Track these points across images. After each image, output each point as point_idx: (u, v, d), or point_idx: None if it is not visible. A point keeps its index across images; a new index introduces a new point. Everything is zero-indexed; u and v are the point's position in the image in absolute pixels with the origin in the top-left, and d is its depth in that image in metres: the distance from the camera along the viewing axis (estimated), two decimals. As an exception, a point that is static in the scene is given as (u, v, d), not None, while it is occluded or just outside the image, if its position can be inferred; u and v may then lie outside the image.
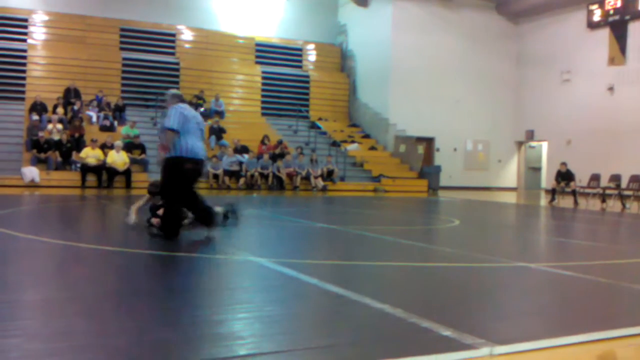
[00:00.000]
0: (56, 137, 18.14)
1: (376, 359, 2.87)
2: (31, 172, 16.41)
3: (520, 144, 26.51)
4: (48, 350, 2.92)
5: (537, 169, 26.38)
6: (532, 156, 26.68)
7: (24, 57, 21.78)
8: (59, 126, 18.76)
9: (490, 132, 25.78)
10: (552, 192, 17.28)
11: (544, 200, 18.84)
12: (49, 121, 19.03)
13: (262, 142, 21.15)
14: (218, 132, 21.07)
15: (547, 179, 23.81)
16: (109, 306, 4.04)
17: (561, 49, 23.98)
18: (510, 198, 20.60)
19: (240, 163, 19.32)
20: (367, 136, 25.05)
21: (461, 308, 4.16)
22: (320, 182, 19.68)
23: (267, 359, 2.92)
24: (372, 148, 24.09)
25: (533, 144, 26.38)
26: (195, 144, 6.77)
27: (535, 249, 8.07)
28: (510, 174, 26.63)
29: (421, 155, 23.19)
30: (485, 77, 25.47)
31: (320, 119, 25.13)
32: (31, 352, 2.91)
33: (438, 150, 25.11)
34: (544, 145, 25.74)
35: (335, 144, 23.06)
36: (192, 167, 6.75)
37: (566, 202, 16.99)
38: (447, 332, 3.34)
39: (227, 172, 18.85)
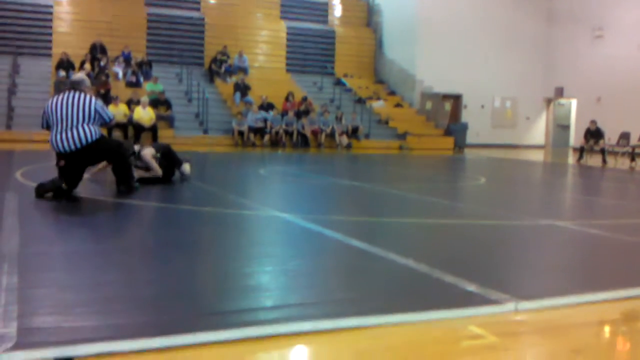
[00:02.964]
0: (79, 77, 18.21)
1: (400, 313, 2.89)
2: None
3: (549, 101, 26.05)
4: (79, 301, 3.00)
5: (566, 127, 25.95)
6: (561, 114, 26.22)
7: (50, 13, 21.79)
8: (80, 74, 18.84)
9: (518, 89, 25.32)
10: (581, 150, 17.02)
11: (572, 159, 18.59)
12: (76, 77, 19.12)
13: (287, 99, 21.06)
14: (243, 89, 21.01)
15: (575, 137, 23.44)
16: (138, 258, 4.12)
17: (594, 5, 23.30)
18: (538, 156, 20.37)
19: (265, 120, 19.30)
20: (392, 93, 24.79)
21: (486, 264, 4.16)
22: (344, 140, 19.60)
23: (292, 310, 2.96)
24: (398, 105, 23.86)
25: (562, 101, 25.90)
26: (53, 137, 6.52)
27: (562, 207, 8.01)
28: (538, 131, 26.25)
29: (448, 113, 22.92)
30: (515, 33, 24.90)
31: (345, 75, 24.89)
32: (62, 302, 2.98)
33: (465, 107, 24.78)
34: (573, 103, 25.26)
35: (360, 100, 22.88)
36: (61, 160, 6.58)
37: (594, 160, 16.74)
38: (471, 288, 3.35)
39: (252, 129, 18.86)
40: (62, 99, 6.57)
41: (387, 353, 2.53)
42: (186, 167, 8.42)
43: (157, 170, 7.90)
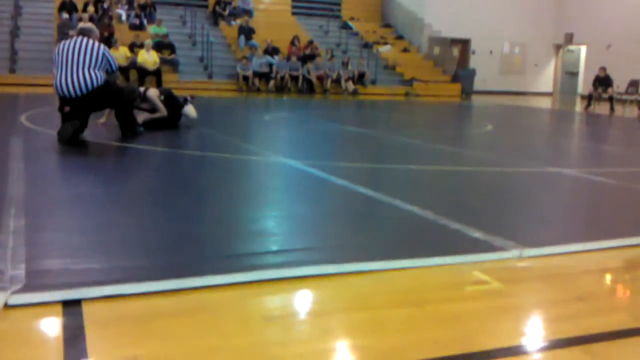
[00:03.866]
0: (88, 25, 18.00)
1: (405, 258, 2.91)
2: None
3: (558, 47, 25.65)
4: (86, 244, 3.02)
5: (575, 74, 25.62)
6: (570, 60, 25.85)
7: (52, -47, 21.34)
8: (89, 25, 18.62)
9: (528, 35, 24.90)
10: (589, 98, 16.86)
11: (579, 106, 18.43)
12: (80, 19, 18.87)
13: (292, 43, 20.77)
14: (247, 32, 20.70)
15: (584, 85, 23.17)
16: (145, 202, 4.14)
17: (608, -53, 22.69)
18: (546, 103, 20.19)
19: (270, 65, 19.08)
20: (400, 37, 24.40)
21: (491, 211, 4.17)
22: (350, 86, 19.42)
23: (298, 255, 2.98)
24: (405, 50, 23.52)
25: (571, 47, 25.50)
26: (58, 81, 6.43)
27: (569, 155, 7.98)
28: (546, 78, 25.94)
29: (455, 58, 22.62)
30: (526, -24, 24.35)
31: (352, 18, 24.46)
32: (70, 245, 3.01)
33: (473, 52, 24.43)
34: (582, 50, 24.87)
35: (367, 45, 22.56)
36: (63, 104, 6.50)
37: (602, 108, 16.59)
38: (476, 234, 3.36)
39: (257, 74, 18.68)
40: (70, 43, 6.51)
41: (391, 297, 2.55)
42: (191, 110, 8.38)
43: (163, 110, 7.86)
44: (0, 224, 3.22)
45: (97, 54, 6.48)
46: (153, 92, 7.96)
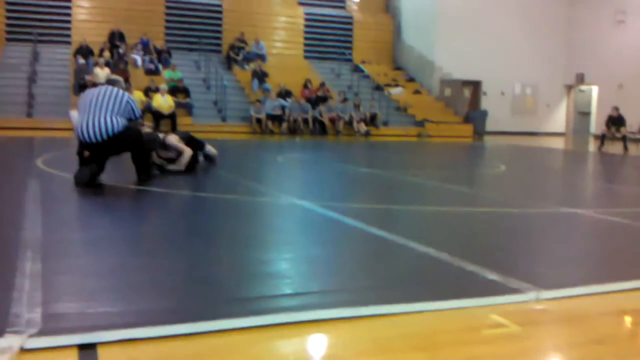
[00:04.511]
0: (102, 80, 18.34)
1: (422, 301, 2.89)
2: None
3: (569, 87, 25.76)
4: (102, 287, 3.02)
5: (587, 114, 25.65)
6: (582, 100, 25.91)
7: (69, 1, 21.89)
8: (106, 70, 18.96)
9: (539, 76, 25.05)
10: (602, 138, 16.83)
11: (592, 146, 18.39)
12: (96, 64, 19.24)
13: (305, 86, 21.01)
14: (260, 76, 21.00)
15: (596, 124, 23.17)
16: (159, 244, 4.15)
17: (616, -11, 22.94)
18: (559, 143, 20.17)
19: (283, 107, 19.28)
20: (411, 80, 24.64)
21: (507, 253, 4.14)
22: (362, 127, 19.55)
23: (313, 298, 2.96)
24: (417, 92, 23.72)
25: (583, 87, 25.59)
26: (79, 126, 6.53)
27: (583, 195, 7.93)
28: (558, 118, 25.98)
29: (467, 99, 22.77)
30: (535, 17, 24.59)
31: (363, 61, 24.76)
32: (86, 288, 3.01)
33: (485, 94, 24.58)
34: (594, 90, 24.95)
35: (378, 87, 22.78)
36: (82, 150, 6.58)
37: (616, 148, 16.54)
38: (493, 276, 3.33)
39: (270, 117, 18.86)
40: (96, 91, 6.68)
41: (407, 341, 2.52)
42: (211, 148, 8.44)
43: (187, 150, 7.87)
44: (16, 267, 3.24)
45: (121, 101, 6.59)
46: (173, 138, 8.00)
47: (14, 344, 2.24)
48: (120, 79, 7.22)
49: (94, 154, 6.47)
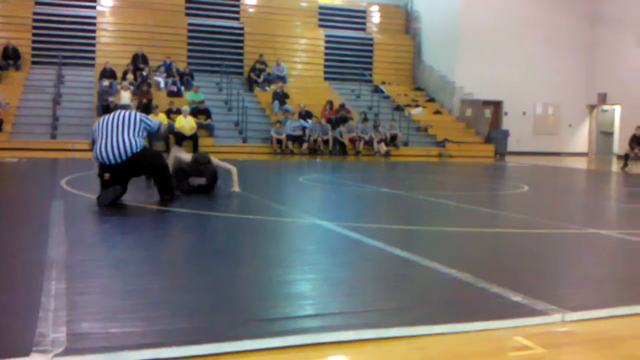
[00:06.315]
0: (126, 102, 18.59)
1: (446, 323, 2.86)
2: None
3: (592, 107, 25.56)
4: (125, 307, 3.04)
5: (609, 134, 25.41)
6: (604, 120, 25.68)
7: (94, 24, 22.29)
8: (129, 93, 19.22)
9: (560, 95, 24.90)
10: (625, 158, 16.64)
11: (616, 166, 18.19)
12: (119, 87, 19.52)
13: (325, 107, 21.11)
14: (281, 97, 21.14)
15: (619, 144, 22.93)
16: (183, 265, 4.17)
17: (637, 8, 22.80)
18: (581, 164, 19.99)
19: (304, 128, 19.36)
20: (431, 100, 24.63)
21: (531, 274, 4.09)
22: (383, 147, 19.55)
23: (335, 319, 2.95)
24: (437, 112, 23.70)
25: (605, 107, 25.38)
26: (97, 149, 6.62)
27: (607, 216, 7.83)
28: (581, 138, 25.76)
29: (488, 120, 22.66)
30: (557, 38, 24.52)
31: (383, 82, 24.83)
32: (109, 308, 3.03)
33: (506, 114, 24.47)
34: (617, 109, 24.74)
35: (398, 108, 22.78)
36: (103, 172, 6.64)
37: (639, 168, 16.36)
38: (517, 298, 3.30)
39: (290, 137, 18.94)
40: (109, 116, 6.83)
41: (432, 363, 2.50)
42: (226, 164, 8.42)
43: (230, 166, 7.94)
44: (41, 287, 3.28)
45: (134, 120, 6.72)
46: (214, 161, 8.03)
47: (39, 363, 2.26)
48: (130, 104, 7.43)
49: (115, 175, 6.54)
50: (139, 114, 6.91)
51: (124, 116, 6.76)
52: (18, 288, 3.41)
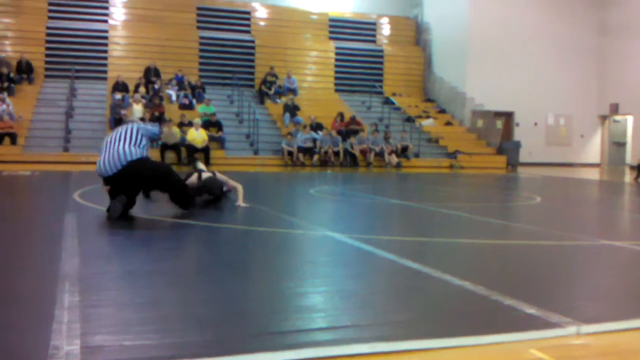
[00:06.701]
0: (138, 115, 18.72)
1: (459, 336, 2.84)
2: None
3: (604, 118, 25.46)
4: (138, 320, 3.05)
5: (622, 144, 25.27)
6: (617, 131, 25.56)
7: (106, 38, 22.51)
8: (141, 106, 19.34)
9: (572, 106, 24.82)
10: (638, 168, 16.53)
11: (628, 177, 18.06)
12: (131, 99, 19.66)
13: (336, 119, 21.14)
14: (292, 110, 21.21)
15: (632, 155, 22.80)
16: (195, 278, 4.17)
17: (649, 18, 22.75)
18: (594, 174, 19.87)
19: (314, 140, 19.40)
20: (442, 111, 24.63)
21: (545, 286, 4.06)
22: (394, 159, 19.54)
23: (347, 332, 2.94)
24: (448, 123, 23.68)
25: (617, 117, 25.27)
26: (99, 162, 6.70)
27: (621, 227, 7.77)
28: (593, 149, 25.64)
29: (499, 131, 22.62)
30: (568, 48, 24.48)
31: (394, 94, 24.87)
32: (123, 321, 3.04)
33: (517, 125, 24.42)
34: (629, 120, 24.61)
35: (409, 119, 22.80)
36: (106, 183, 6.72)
37: (653, 178, 16.21)
38: (531, 310, 3.27)
39: (301, 149, 18.98)
40: (112, 133, 7.00)
41: (445, 377, 2.48)
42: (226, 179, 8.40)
43: (235, 184, 7.98)
44: (55, 299, 3.29)
45: (132, 131, 6.84)
46: (219, 176, 8.06)
47: (53, 376, 2.27)
48: (134, 119, 7.56)
49: (116, 186, 6.54)
50: (137, 125, 7.03)
51: (124, 130, 6.88)
52: (31, 300, 3.43)
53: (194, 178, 7.91)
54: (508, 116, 24.19)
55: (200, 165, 8.79)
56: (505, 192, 13.26)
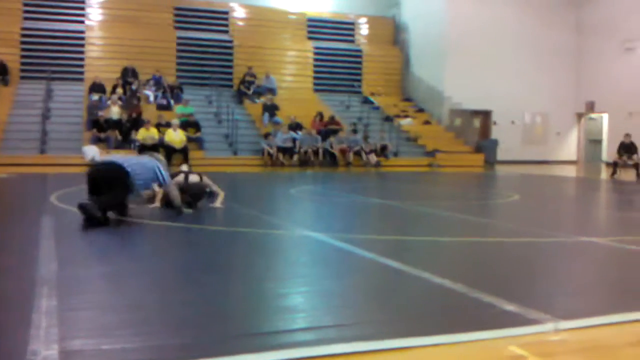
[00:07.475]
0: (115, 116, 18.55)
1: (439, 334, 2.86)
2: (92, 151, 16.82)
3: (580, 115, 25.74)
4: (117, 323, 3.02)
5: (598, 142, 25.59)
6: (593, 128, 25.87)
7: (82, 39, 22.25)
8: (118, 107, 19.15)
9: (548, 104, 25.06)
10: (614, 165, 16.74)
11: (605, 174, 18.30)
12: (109, 101, 19.47)
13: (315, 119, 21.14)
14: (271, 109, 21.15)
15: (608, 152, 23.09)
16: (175, 280, 4.15)
17: (623, 16, 23.03)
18: (570, 171, 20.10)
19: (294, 140, 19.38)
20: (421, 110, 24.73)
21: (524, 283, 4.10)
22: (373, 158, 19.58)
23: (328, 332, 2.95)
24: (426, 122, 23.79)
25: (593, 115, 25.57)
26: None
27: (598, 223, 7.87)
28: (569, 146, 25.92)
29: (477, 129, 22.77)
30: (544, 47, 24.69)
31: (373, 93, 24.91)
32: (101, 324, 3.01)
33: (495, 123, 24.59)
34: (605, 117, 24.93)
35: (388, 118, 22.86)
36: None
37: (628, 175, 16.45)
38: (510, 307, 3.30)
39: (281, 149, 18.95)
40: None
41: (426, 375, 2.50)
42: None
43: (220, 191, 7.95)
44: (32, 304, 3.25)
45: (149, 164, 6.88)
46: (205, 180, 8.00)
47: (31, 381, 2.24)
48: (160, 156, 7.61)
49: (93, 182, 6.52)
50: (157, 163, 6.99)
51: (143, 158, 7.06)
52: (9, 305, 3.38)
53: (180, 178, 7.86)
54: (486, 115, 24.36)
55: (187, 168, 8.73)
56: (484, 190, 13.36)
